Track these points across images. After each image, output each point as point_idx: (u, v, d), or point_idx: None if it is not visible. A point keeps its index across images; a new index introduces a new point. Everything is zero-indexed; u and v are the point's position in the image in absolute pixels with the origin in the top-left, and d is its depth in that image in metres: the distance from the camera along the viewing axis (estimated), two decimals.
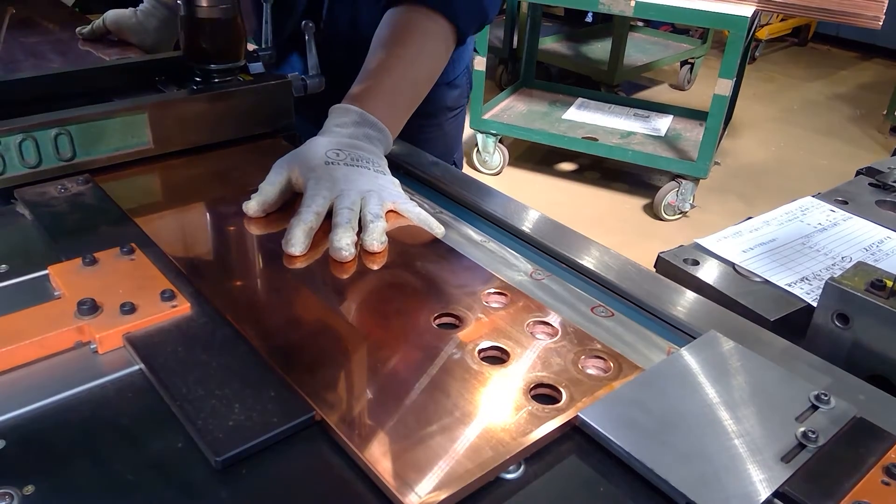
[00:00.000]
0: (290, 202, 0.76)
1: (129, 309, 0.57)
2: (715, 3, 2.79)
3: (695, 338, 0.63)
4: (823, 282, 0.71)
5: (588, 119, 3.51)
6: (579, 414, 0.50)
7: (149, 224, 0.72)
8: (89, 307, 0.56)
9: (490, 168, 3.53)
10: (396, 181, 0.78)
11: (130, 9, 1.26)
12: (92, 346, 0.55)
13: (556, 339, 0.58)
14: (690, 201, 3.14)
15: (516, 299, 0.63)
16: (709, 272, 0.77)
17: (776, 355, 0.60)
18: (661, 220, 3.19)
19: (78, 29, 1.22)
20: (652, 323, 0.65)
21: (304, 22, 0.94)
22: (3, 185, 0.75)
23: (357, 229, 0.70)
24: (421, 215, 0.74)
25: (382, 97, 0.86)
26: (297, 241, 0.67)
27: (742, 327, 0.64)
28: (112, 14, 1.25)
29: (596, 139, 3.29)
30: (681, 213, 3.18)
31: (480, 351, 0.56)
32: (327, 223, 0.70)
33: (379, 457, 0.46)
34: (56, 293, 0.61)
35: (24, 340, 0.53)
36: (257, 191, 0.74)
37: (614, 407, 0.50)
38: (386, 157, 0.83)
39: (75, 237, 0.68)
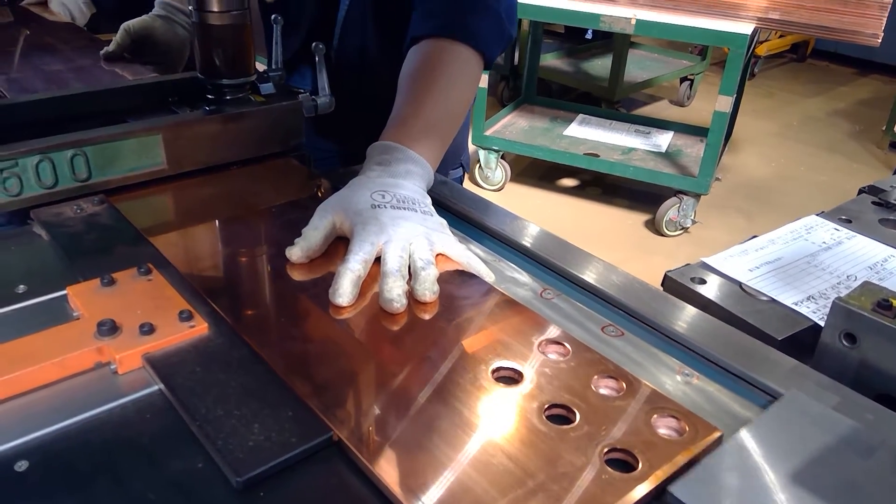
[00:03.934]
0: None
1: (147, 329, 0.58)
2: (715, 21, 2.82)
3: (705, 357, 0.64)
4: (830, 300, 0.72)
5: (589, 135, 3.53)
6: (671, 491, 0.46)
7: (164, 244, 0.73)
8: (109, 328, 0.57)
9: (492, 184, 3.54)
10: (444, 221, 0.76)
11: (149, 15, 1.27)
12: (112, 367, 0.56)
13: (622, 394, 0.55)
14: (692, 217, 3.16)
15: (577, 350, 0.60)
16: (716, 291, 0.78)
17: (785, 374, 0.61)
18: (662, 235, 3.20)
19: (103, 51, 1.22)
20: (662, 342, 0.66)
21: (314, 44, 0.96)
22: (20, 205, 0.76)
23: (407, 276, 0.67)
24: (471, 260, 0.72)
25: (420, 132, 0.85)
26: (345, 292, 0.65)
27: (751, 346, 0.65)
28: (136, 22, 1.25)
29: (597, 155, 3.31)
30: (682, 228, 3.19)
31: (545, 409, 0.53)
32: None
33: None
34: (75, 314, 0.62)
35: (46, 361, 0.54)
36: (301, 235, 0.72)
37: (708, 485, 0.46)
38: None
39: (92, 257, 0.69)
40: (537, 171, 3.72)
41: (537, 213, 3.35)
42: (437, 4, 0.94)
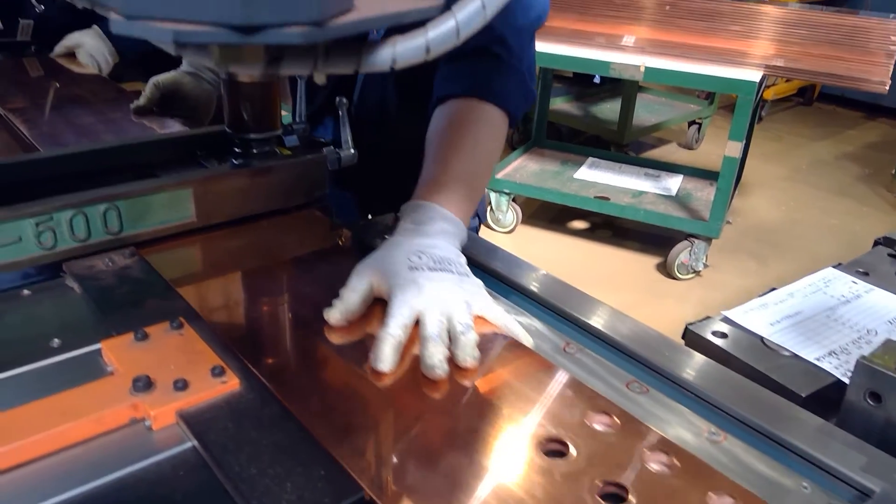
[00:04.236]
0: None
1: (181, 385, 0.59)
2: (724, 69, 2.87)
3: (730, 415, 0.64)
4: (851, 356, 0.73)
5: (599, 178, 3.56)
6: None
7: (194, 297, 0.74)
8: (144, 384, 0.58)
9: (503, 226, 3.57)
10: (479, 282, 0.76)
11: (177, 71, 1.30)
12: (146, 423, 0.57)
13: (675, 471, 0.54)
14: (703, 261, 3.16)
15: (625, 422, 0.58)
16: (737, 345, 0.78)
17: (811, 434, 0.62)
18: (673, 278, 3.20)
19: (133, 105, 1.26)
20: (686, 399, 0.66)
21: (338, 99, 0.99)
22: (53, 258, 0.78)
23: (447, 341, 0.67)
24: (509, 323, 0.72)
25: (451, 190, 0.86)
26: (386, 359, 0.64)
27: (776, 404, 0.65)
28: (166, 78, 1.29)
29: (608, 198, 3.33)
30: (694, 272, 3.19)
31: (596, 485, 0.52)
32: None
33: None
34: (109, 368, 0.63)
35: (83, 417, 0.55)
36: (338, 297, 0.72)
37: None
38: None
39: (124, 311, 0.71)
40: (548, 214, 3.75)
41: (548, 255, 3.36)
42: (463, 65, 0.97)
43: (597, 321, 0.76)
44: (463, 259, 0.79)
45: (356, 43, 0.33)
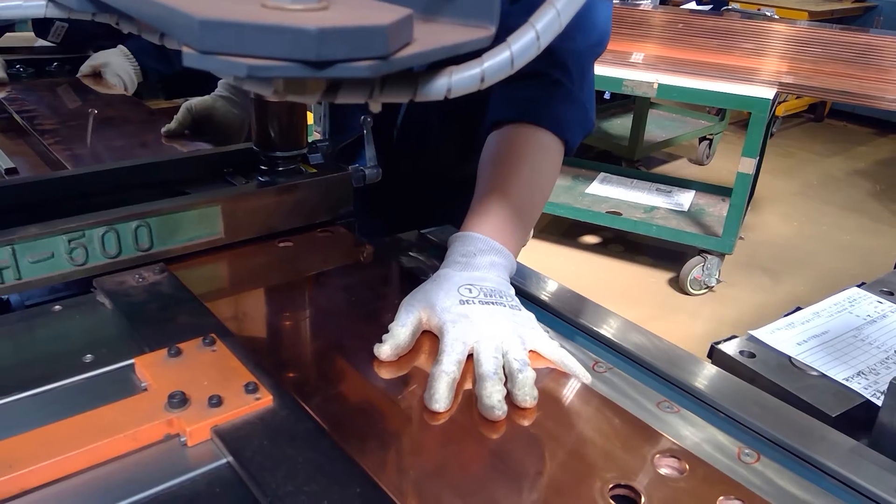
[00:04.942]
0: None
1: (216, 402, 0.59)
2: (737, 86, 2.88)
3: (762, 435, 0.64)
4: (880, 376, 0.72)
5: (611, 193, 3.57)
6: None
7: (224, 313, 0.75)
8: (179, 400, 0.58)
9: None
10: (531, 315, 0.74)
11: (210, 96, 1.32)
12: (181, 440, 0.57)
13: None
14: (717, 276, 3.15)
15: (694, 466, 0.56)
16: (765, 365, 0.78)
17: (844, 455, 0.61)
18: (686, 294, 3.19)
19: (164, 129, 1.27)
20: (716, 418, 0.66)
21: (362, 117, 0.99)
22: (84, 274, 0.79)
23: (504, 379, 0.65)
24: (564, 358, 0.69)
25: (503, 221, 0.82)
26: (442, 398, 0.62)
27: (808, 425, 0.65)
28: (198, 102, 1.31)
29: (620, 213, 3.33)
30: (707, 287, 3.18)
31: None
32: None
33: None
34: (142, 384, 0.63)
35: (119, 434, 0.56)
36: (388, 332, 0.70)
37: None
38: (439, 245, 0.85)
39: (156, 327, 0.71)
40: (559, 228, 3.75)
41: (560, 270, 3.36)
42: (520, 89, 0.91)
43: (624, 339, 0.76)
44: (512, 291, 0.76)
45: (412, 72, 0.34)
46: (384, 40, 0.29)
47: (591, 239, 3.70)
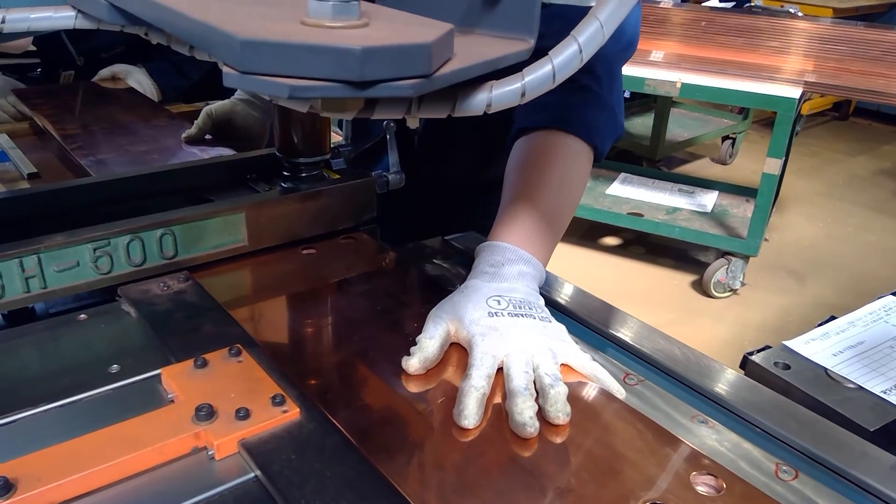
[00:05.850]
0: None
1: (243, 415, 0.58)
2: (762, 84, 2.83)
3: (798, 450, 0.62)
4: None
5: (632, 194, 3.54)
6: None
7: (249, 322, 0.74)
8: (206, 413, 0.58)
9: None
10: (562, 327, 0.72)
11: (230, 100, 1.32)
12: (209, 453, 0.57)
13: None
14: (741, 279, 3.11)
15: (731, 484, 0.55)
16: (800, 377, 0.76)
17: (885, 472, 0.59)
18: (709, 297, 3.15)
19: (184, 135, 1.27)
20: (752, 433, 0.64)
21: (385, 122, 0.99)
22: (109, 283, 0.79)
23: (535, 394, 0.63)
24: (597, 372, 0.67)
25: (532, 230, 0.80)
26: (471, 414, 0.60)
27: (845, 440, 0.63)
28: (218, 107, 1.31)
29: (642, 214, 3.30)
30: (731, 290, 3.14)
31: None
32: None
33: None
34: (169, 396, 0.63)
35: (147, 447, 0.55)
36: (416, 344, 0.69)
37: None
38: (464, 252, 0.83)
39: (181, 336, 0.71)
40: (579, 230, 3.72)
41: (580, 272, 3.34)
42: (548, 95, 0.90)
43: (654, 350, 0.75)
44: (541, 301, 0.74)
45: (452, 88, 0.33)
46: (427, 58, 0.28)
47: (611, 240, 3.67)
